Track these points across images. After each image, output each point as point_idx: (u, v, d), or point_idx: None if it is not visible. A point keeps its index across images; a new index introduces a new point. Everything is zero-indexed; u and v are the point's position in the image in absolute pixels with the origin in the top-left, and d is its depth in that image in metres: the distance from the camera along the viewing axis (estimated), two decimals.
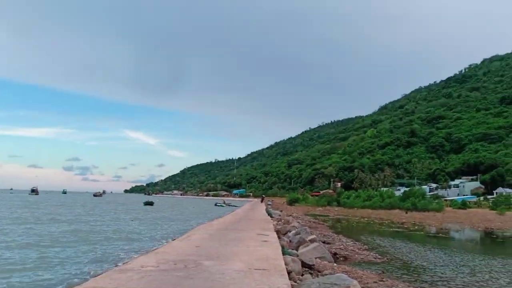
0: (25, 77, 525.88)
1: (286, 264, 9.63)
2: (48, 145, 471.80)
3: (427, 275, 14.08)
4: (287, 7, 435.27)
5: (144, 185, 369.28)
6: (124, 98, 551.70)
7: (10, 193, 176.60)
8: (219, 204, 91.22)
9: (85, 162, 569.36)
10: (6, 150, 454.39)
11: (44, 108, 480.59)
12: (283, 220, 31.70)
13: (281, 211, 51.78)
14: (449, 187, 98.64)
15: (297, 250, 14.38)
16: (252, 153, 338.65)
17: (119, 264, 10.99)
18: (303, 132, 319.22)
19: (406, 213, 56.60)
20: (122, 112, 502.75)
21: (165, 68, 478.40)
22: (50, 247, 18.68)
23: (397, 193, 77.19)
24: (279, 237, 17.03)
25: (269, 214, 37.46)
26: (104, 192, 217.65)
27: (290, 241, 16.97)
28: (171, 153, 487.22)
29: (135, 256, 13.57)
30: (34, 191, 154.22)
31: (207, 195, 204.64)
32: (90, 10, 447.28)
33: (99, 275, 8.41)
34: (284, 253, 11.68)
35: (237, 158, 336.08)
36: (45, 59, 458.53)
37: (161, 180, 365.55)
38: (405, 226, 38.09)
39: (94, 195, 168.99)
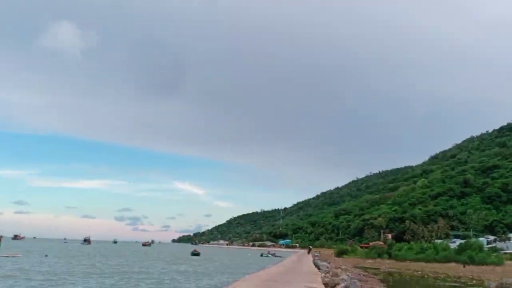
0: (81, 132, 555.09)
1: None
2: (101, 197, 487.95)
3: None
4: (331, 60, 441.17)
5: (191, 235, 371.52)
6: (173, 150, 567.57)
7: (64, 242, 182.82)
8: (265, 255, 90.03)
9: (136, 213, 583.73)
10: (63, 202, 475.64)
11: (98, 161, 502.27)
12: (331, 273, 30.78)
13: (329, 263, 50.31)
14: (508, 239, 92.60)
15: None
16: (298, 203, 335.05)
17: None
18: (350, 182, 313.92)
19: (464, 267, 53.36)
20: (171, 164, 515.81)
21: (211, 122, 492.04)
22: None
23: (452, 246, 73.08)
24: None
25: (317, 266, 36.59)
26: (152, 242, 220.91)
27: None
28: (218, 203, 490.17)
29: None
30: (86, 240, 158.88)
31: (253, 246, 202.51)
32: (138, 69, 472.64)
33: None
34: None
35: (283, 208, 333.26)
36: (100, 117, 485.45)
37: (208, 230, 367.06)
38: (462, 281, 35.92)
39: (143, 245, 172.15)
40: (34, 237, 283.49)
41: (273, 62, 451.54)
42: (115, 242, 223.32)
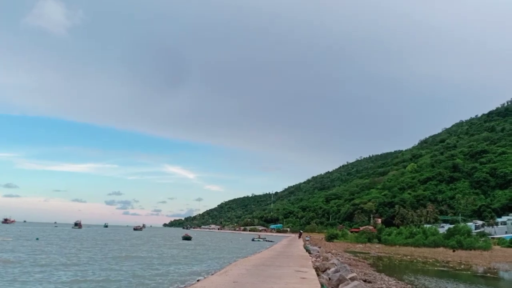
0: (70, 115, 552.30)
1: None
2: (91, 180, 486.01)
3: None
4: (324, 43, 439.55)
5: (183, 219, 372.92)
6: (163, 133, 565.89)
7: (55, 226, 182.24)
8: (256, 239, 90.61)
9: (126, 196, 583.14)
10: (51, 185, 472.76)
11: (87, 144, 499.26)
12: (321, 257, 31.04)
13: (319, 247, 50.82)
14: (496, 224, 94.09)
15: None
16: (289, 187, 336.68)
17: None
18: (340, 166, 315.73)
19: (454, 251, 54.09)
20: (161, 147, 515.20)
21: (204, 106, 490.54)
22: None
23: (441, 230, 74.25)
24: (318, 275, 16.70)
25: (307, 250, 36.84)
26: (144, 226, 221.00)
27: (329, 278, 16.57)
28: (209, 187, 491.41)
29: None
30: (77, 224, 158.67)
31: (244, 230, 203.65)
32: (127, 50, 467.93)
33: None
34: None
35: (274, 192, 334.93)
36: (88, 99, 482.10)
37: (199, 214, 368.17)
38: (451, 265, 36.44)
39: (134, 229, 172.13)
40: (24, 221, 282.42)
41: (266, 44, 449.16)
42: (106, 226, 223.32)
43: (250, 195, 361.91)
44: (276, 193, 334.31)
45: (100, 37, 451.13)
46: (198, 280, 15.07)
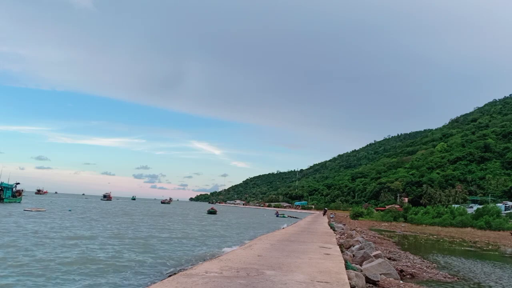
0: (97, 90, 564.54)
1: (349, 278, 9.45)
2: (120, 154, 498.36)
3: None
4: (353, 18, 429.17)
5: (208, 193, 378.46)
6: (190, 110, 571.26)
7: (85, 198, 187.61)
8: (281, 215, 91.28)
9: (154, 171, 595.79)
10: (81, 158, 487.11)
11: (116, 119, 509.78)
12: (346, 234, 31.09)
13: (344, 224, 50.86)
14: None
15: (360, 265, 14.04)
16: (314, 165, 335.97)
17: (185, 269, 11.31)
18: (367, 145, 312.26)
19: None
20: (188, 123, 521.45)
21: (231, 84, 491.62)
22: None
23: (470, 211, 72.91)
24: (342, 251, 16.73)
25: (332, 228, 36.88)
26: (171, 199, 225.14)
27: (353, 255, 16.58)
28: (235, 163, 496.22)
29: (200, 262, 13.92)
30: (106, 196, 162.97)
31: (269, 206, 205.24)
32: (156, 23, 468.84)
33: (165, 278, 8.74)
34: (347, 267, 11.46)
35: (299, 170, 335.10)
36: (115, 74, 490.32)
37: (225, 189, 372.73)
38: (478, 245, 35.91)
39: (162, 202, 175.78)
40: (56, 192, 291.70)
41: (295, 19, 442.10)
42: (133, 198, 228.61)
43: (275, 172, 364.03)
44: (301, 170, 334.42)
45: (125, 10, 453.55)
46: (223, 253, 15.31)
